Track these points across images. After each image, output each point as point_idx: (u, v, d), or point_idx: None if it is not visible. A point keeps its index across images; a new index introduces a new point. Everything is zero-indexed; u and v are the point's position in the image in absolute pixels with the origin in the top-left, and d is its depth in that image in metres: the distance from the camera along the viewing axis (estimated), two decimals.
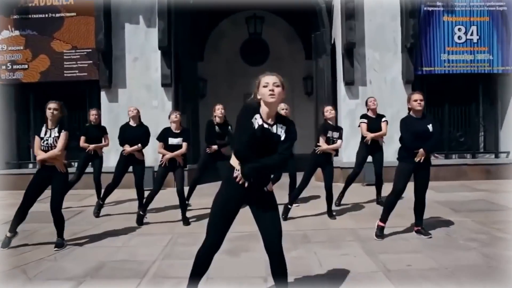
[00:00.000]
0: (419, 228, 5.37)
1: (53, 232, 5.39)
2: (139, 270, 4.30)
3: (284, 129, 3.00)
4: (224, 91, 13.74)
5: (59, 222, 5.20)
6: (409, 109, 5.34)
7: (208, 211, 3.18)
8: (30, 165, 10.58)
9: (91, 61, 9.93)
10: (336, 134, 6.38)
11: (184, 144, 6.34)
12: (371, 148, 7.28)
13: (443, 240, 5.14)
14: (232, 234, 3.72)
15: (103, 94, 10.01)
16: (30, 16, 9.95)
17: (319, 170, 6.58)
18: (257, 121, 2.95)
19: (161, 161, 6.37)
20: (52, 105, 5.17)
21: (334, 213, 6.46)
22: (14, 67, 9.98)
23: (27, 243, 5.41)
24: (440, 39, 9.97)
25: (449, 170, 9.92)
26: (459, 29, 9.96)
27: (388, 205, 5.36)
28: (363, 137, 7.37)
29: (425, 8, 9.91)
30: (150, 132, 7.04)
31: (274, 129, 2.97)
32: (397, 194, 5.26)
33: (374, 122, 7.29)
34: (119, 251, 5.03)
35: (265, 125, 2.95)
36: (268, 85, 2.93)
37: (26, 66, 9.98)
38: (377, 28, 9.95)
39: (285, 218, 6.27)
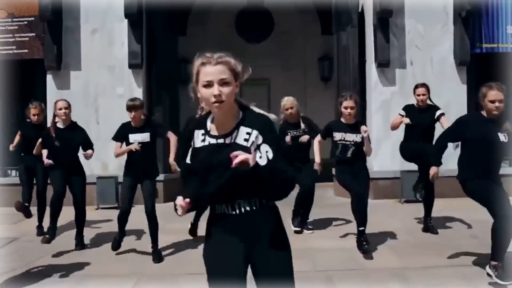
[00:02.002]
0: (498, 263, 4.68)
1: None
2: None
3: (255, 134, 2.35)
4: None
5: None
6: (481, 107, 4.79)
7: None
8: None
9: (33, 34, 9.79)
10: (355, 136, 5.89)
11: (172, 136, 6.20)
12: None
13: None
14: None
15: (49, 78, 9.82)
16: None
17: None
18: (199, 139, 2.44)
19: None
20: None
21: (366, 245, 5.85)
22: None
23: None
24: (506, 7, 9.80)
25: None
26: None
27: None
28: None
29: None
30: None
31: (235, 138, 2.36)
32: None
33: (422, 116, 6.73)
34: None
35: (216, 140, 2.38)
36: (211, 85, 2.30)
37: None
38: None
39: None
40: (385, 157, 8.74)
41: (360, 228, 5.91)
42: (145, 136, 5.94)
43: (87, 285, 5.02)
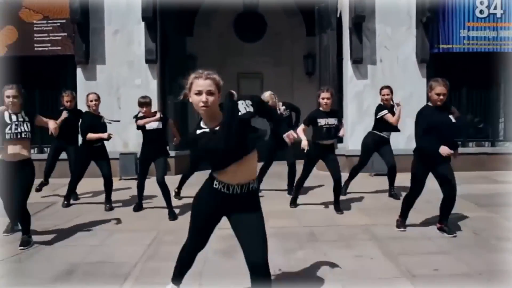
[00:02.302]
0: (443, 225, 5.03)
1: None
2: (118, 274, 3.95)
3: (247, 105, 2.76)
4: (216, 69, 13.27)
5: (24, 219, 4.82)
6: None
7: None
8: None
9: (65, 34, 9.63)
10: (332, 120, 6.05)
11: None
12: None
13: (472, 240, 4.82)
14: (226, 231, 3.36)
15: (79, 71, 9.72)
16: None
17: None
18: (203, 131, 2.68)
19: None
20: (9, 91, 4.68)
21: (341, 207, 6.14)
22: None
23: None
24: (460, 13, 9.75)
25: (466, 159, 9.49)
26: (481, 2, 9.73)
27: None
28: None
29: None
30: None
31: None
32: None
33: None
34: (95, 251, 4.65)
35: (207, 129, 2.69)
36: (200, 93, 2.63)
37: None
38: (389, 1, 9.71)
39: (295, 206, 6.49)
40: (358, 138, 8.87)
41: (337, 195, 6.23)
42: (159, 124, 6.19)
43: (117, 237, 5.16)
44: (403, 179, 6.33)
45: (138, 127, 6.21)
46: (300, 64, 13.96)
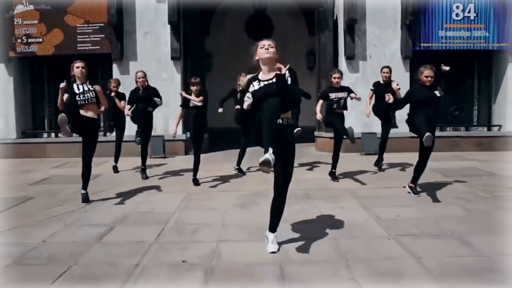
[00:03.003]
0: (413, 185, 5.95)
1: (75, 192, 6.03)
2: (161, 219, 4.91)
3: (288, 75, 3.62)
4: (229, 65, 14.11)
5: (86, 173, 5.67)
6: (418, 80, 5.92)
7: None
8: (45, 135, 11.19)
9: (103, 35, 10.38)
10: (342, 94, 6.99)
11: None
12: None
13: (432, 198, 5.73)
14: (242, 192, 4.31)
15: (115, 66, 10.48)
16: None
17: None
18: (253, 86, 3.66)
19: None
20: (79, 63, 5.64)
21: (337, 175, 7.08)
22: (29, 40, 10.45)
23: (55, 200, 5.99)
24: (438, 16, 10.40)
25: (443, 141, 10.38)
26: (457, 7, 10.37)
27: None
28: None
29: None
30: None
31: (274, 80, 3.60)
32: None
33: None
34: (141, 205, 5.65)
35: (264, 83, 3.63)
36: (264, 46, 3.66)
37: (41, 40, 10.44)
38: (378, 5, 10.37)
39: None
40: (351, 123, 9.70)
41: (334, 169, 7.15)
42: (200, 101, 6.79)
43: (157, 196, 6.13)
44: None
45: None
46: (303, 60, 14.65)
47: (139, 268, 3.52)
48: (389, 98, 6.21)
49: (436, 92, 5.75)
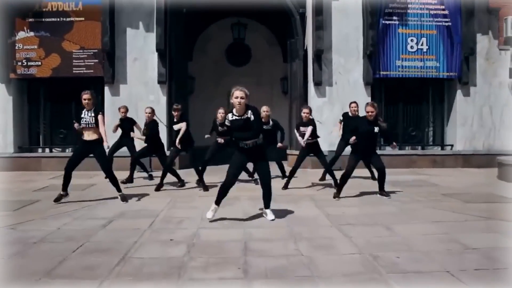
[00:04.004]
0: (382, 192, 7.30)
1: (75, 196, 7.12)
2: (152, 214, 6.04)
3: (252, 114, 5.08)
4: (211, 88, 15.44)
5: (113, 180, 6.95)
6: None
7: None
8: (40, 150, 12.17)
9: (96, 60, 11.48)
10: (308, 128, 8.19)
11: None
12: None
13: (377, 200, 7.01)
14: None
15: (106, 89, 11.57)
16: (43, 19, 11.50)
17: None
18: (228, 118, 5.36)
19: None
20: (86, 95, 6.77)
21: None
22: (29, 63, 11.53)
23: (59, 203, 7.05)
24: (396, 47, 11.83)
25: (401, 159, 11.79)
26: (412, 40, 11.83)
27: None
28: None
29: (383, 21, 11.75)
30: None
31: (244, 117, 5.23)
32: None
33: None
34: (136, 205, 6.78)
35: (236, 117, 5.27)
36: (237, 98, 5.18)
37: (40, 63, 11.53)
38: (343, 37, 11.75)
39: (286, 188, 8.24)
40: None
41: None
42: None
43: (147, 199, 7.17)
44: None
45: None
46: (278, 84, 15.99)
47: (137, 244, 4.65)
48: (354, 140, 7.27)
49: (375, 128, 7.01)
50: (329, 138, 10.96)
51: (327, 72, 11.70)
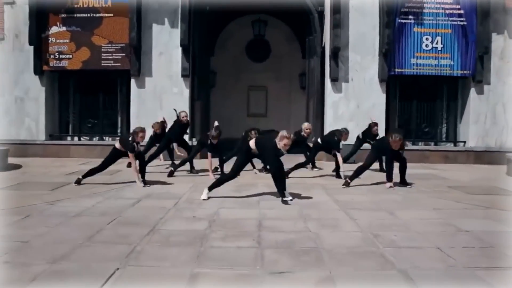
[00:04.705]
0: (404, 182, 7.99)
1: (104, 180, 7.78)
2: (176, 196, 6.65)
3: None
4: (231, 83, 16.06)
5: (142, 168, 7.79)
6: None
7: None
8: (69, 138, 12.90)
9: (124, 54, 12.05)
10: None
11: None
12: None
13: (383, 189, 7.52)
14: (236, 184, 6.06)
15: (133, 81, 12.15)
16: (75, 15, 12.17)
17: None
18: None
19: None
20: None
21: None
22: (61, 56, 12.23)
23: (90, 185, 7.70)
24: (411, 46, 12.13)
25: (414, 154, 12.05)
26: (427, 39, 12.12)
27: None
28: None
29: (399, 20, 12.07)
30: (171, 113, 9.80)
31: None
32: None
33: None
34: (160, 189, 7.39)
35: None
36: (286, 144, 6.01)
37: (70, 56, 12.21)
38: (359, 36, 12.12)
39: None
40: None
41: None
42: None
43: (171, 184, 7.80)
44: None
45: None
46: (296, 80, 16.49)
47: (164, 219, 5.25)
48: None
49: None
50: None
51: (343, 69, 12.08)
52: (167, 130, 9.93)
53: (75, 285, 3.29)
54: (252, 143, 6.36)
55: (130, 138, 7.58)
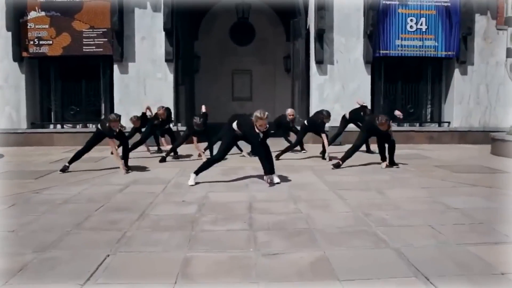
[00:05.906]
0: (393, 162, 7.93)
1: (90, 167, 7.65)
2: (164, 181, 6.57)
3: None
4: (215, 67, 15.90)
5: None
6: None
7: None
8: (51, 126, 12.66)
9: (106, 39, 11.78)
10: None
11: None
12: None
13: (372, 169, 7.53)
14: (223, 167, 5.99)
15: (115, 67, 11.93)
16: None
17: None
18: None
19: None
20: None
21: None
22: (40, 42, 11.90)
23: (77, 172, 7.58)
24: (395, 27, 12.12)
25: (399, 135, 11.98)
26: (411, 20, 12.09)
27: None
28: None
29: (384, 2, 12.01)
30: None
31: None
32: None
33: None
34: (148, 173, 7.31)
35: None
36: (263, 124, 5.98)
37: (51, 42, 11.88)
38: (344, 17, 12.05)
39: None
40: None
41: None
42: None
43: (158, 169, 7.70)
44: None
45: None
46: (281, 63, 16.39)
47: (153, 204, 5.17)
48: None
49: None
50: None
51: (328, 51, 12.02)
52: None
53: (65, 273, 3.21)
54: (235, 124, 6.31)
55: (107, 124, 7.49)
